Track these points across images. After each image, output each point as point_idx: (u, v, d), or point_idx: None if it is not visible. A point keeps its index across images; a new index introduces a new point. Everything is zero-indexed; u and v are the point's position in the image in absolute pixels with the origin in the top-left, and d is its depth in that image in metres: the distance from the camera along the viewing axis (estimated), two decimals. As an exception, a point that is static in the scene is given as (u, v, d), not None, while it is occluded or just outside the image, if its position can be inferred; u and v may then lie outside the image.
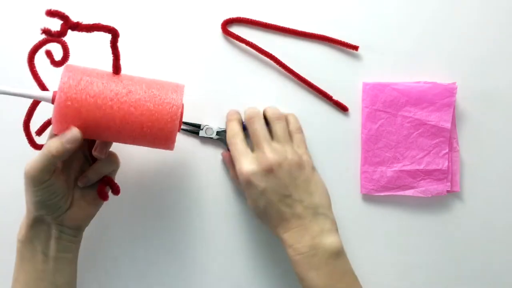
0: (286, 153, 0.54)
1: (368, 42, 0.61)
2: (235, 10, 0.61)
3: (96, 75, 0.48)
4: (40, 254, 0.49)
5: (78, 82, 0.47)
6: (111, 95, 0.47)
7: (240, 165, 0.53)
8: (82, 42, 0.52)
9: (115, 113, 0.47)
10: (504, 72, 0.62)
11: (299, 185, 0.53)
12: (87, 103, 0.46)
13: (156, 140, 0.49)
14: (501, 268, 0.62)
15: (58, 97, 0.46)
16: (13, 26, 0.60)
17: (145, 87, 0.49)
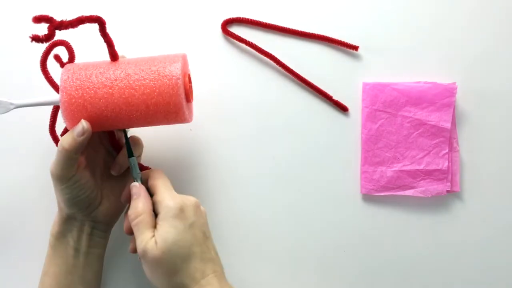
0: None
1: (368, 42, 0.61)
2: (235, 10, 0.61)
3: (93, 67, 0.49)
4: (72, 249, 0.51)
5: (76, 78, 0.48)
6: (109, 83, 0.48)
7: (180, 197, 0.50)
8: (88, 39, 0.52)
9: (118, 99, 0.48)
10: (504, 72, 0.62)
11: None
12: (89, 96, 0.48)
13: (168, 116, 0.49)
14: (501, 268, 0.62)
15: (60, 97, 0.48)
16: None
17: (143, 65, 0.49)
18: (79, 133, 0.47)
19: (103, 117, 0.48)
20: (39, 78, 0.51)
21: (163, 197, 0.48)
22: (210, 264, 0.47)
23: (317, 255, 0.61)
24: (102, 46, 0.50)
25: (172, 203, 0.47)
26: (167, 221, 0.46)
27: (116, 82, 0.48)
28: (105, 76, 0.48)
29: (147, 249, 0.45)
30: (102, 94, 0.48)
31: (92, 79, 0.48)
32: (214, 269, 0.47)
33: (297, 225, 0.61)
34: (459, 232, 0.62)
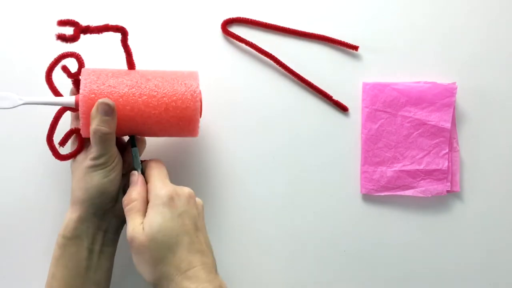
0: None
1: (368, 42, 0.61)
2: (235, 10, 0.61)
3: (113, 70, 0.51)
4: (85, 250, 0.50)
5: (97, 76, 0.50)
6: (131, 83, 0.50)
7: (172, 186, 0.50)
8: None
9: (138, 98, 0.49)
10: (504, 72, 0.62)
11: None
12: (110, 94, 0.49)
13: (181, 123, 0.50)
14: (501, 267, 0.62)
15: (81, 93, 0.49)
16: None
17: (161, 74, 0.52)
18: (105, 112, 0.48)
19: (122, 118, 0.49)
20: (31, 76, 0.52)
21: (155, 185, 0.48)
22: (198, 256, 0.46)
23: (317, 255, 0.61)
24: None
25: (162, 191, 0.47)
26: (155, 208, 0.47)
27: (137, 84, 0.50)
28: (127, 77, 0.50)
29: (134, 234, 0.46)
30: (124, 93, 0.49)
31: (114, 79, 0.50)
32: (202, 261, 0.46)
33: (297, 225, 0.61)
34: (459, 232, 0.62)
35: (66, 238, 0.49)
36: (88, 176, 0.49)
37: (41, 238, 0.58)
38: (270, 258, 0.61)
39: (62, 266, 0.49)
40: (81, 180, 0.49)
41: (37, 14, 0.59)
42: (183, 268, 0.45)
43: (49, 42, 0.49)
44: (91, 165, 0.49)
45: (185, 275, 0.45)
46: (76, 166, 0.51)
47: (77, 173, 0.50)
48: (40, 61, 0.52)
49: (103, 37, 0.50)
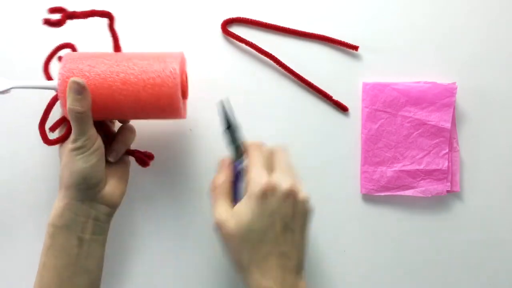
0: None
1: (368, 42, 0.61)
2: (235, 10, 0.61)
3: (96, 53, 0.51)
4: (75, 238, 0.50)
5: (78, 57, 0.50)
6: (110, 62, 0.49)
7: (254, 179, 0.48)
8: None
9: (115, 76, 0.49)
10: (504, 72, 0.62)
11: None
12: (87, 72, 0.48)
13: (160, 101, 0.49)
14: (501, 268, 0.62)
15: (60, 72, 0.49)
16: (16, 23, 0.60)
17: (144, 54, 0.51)
18: (76, 90, 0.47)
19: (101, 100, 0.49)
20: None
21: (251, 173, 0.47)
22: (279, 257, 0.45)
23: (317, 255, 0.61)
24: (101, 45, 0.51)
25: (256, 184, 0.46)
26: (248, 201, 0.46)
27: (116, 61, 0.49)
28: (106, 57, 0.50)
29: (222, 221, 0.47)
30: (102, 71, 0.49)
31: (92, 60, 0.49)
32: (282, 263, 0.45)
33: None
34: (459, 232, 0.62)
35: (55, 227, 0.49)
36: (71, 161, 0.49)
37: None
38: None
39: (52, 255, 0.49)
40: (66, 165, 0.49)
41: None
42: (262, 267, 0.45)
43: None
44: (72, 148, 0.48)
45: (263, 274, 0.45)
46: (62, 151, 0.51)
47: (63, 158, 0.50)
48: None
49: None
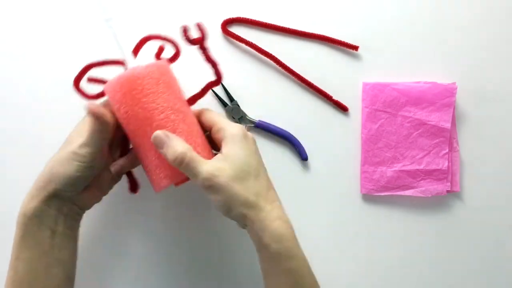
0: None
1: (368, 42, 0.61)
2: (235, 10, 0.61)
3: (166, 85, 0.49)
4: (48, 229, 0.49)
5: (151, 76, 0.49)
6: (163, 105, 0.48)
7: (232, 126, 0.51)
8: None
9: (157, 117, 0.48)
10: (504, 72, 0.62)
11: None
12: (136, 99, 0.48)
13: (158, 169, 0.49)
14: (501, 268, 0.62)
15: (129, 69, 0.49)
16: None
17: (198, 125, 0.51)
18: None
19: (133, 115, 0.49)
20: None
21: (225, 124, 0.50)
22: (273, 192, 0.50)
23: (317, 255, 0.61)
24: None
25: (235, 130, 0.49)
26: (235, 144, 0.48)
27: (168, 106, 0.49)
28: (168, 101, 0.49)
29: (216, 172, 0.46)
30: (153, 107, 0.48)
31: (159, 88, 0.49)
32: (277, 198, 0.49)
33: (296, 225, 0.61)
34: (459, 232, 0.62)
35: (27, 217, 0.48)
36: (67, 161, 0.48)
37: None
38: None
39: (25, 247, 0.48)
40: (58, 161, 0.48)
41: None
42: (269, 199, 0.48)
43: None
44: (75, 152, 0.48)
45: (272, 206, 0.47)
46: (65, 146, 0.49)
47: (61, 152, 0.49)
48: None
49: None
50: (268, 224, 0.46)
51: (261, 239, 0.46)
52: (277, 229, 0.46)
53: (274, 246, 0.46)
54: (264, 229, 0.46)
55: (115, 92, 0.48)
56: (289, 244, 0.47)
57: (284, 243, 0.46)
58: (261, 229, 0.46)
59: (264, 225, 0.46)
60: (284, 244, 0.46)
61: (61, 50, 0.60)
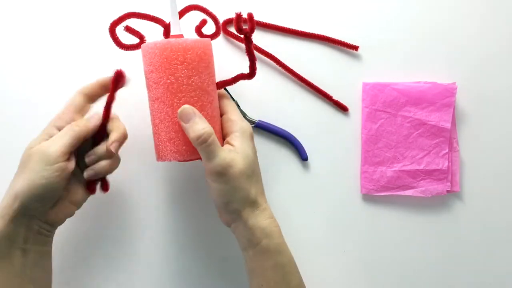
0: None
1: (368, 42, 0.61)
2: (235, 10, 0.61)
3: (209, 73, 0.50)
4: (18, 249, 0.47)
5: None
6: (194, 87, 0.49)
7: (243, 121, 0.52)
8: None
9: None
10: (504, 72, 0.62)
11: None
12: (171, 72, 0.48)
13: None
14: (501, 268, 0.62)
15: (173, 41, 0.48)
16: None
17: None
18: (95, 123, 0.50)
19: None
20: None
21: (238, 117, 0.51)
22: (264, 193, 0.52)
23: (316, 255, 0.61)
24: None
25: (247, 126, 0.51)
26: (246, 141, 0.50)
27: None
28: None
29: (230, 162, 0.47)
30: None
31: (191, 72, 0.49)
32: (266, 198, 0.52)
33: (297, 225, 0.61)
34: (459, 232, 0.62)
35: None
36: (40, 171, 0.46)
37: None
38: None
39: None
40: (30, 173, 0.46)
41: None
42: (264, 198, 0.51)
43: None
44: (38, 165, 0.46)
45: (266, 205, 0.50)
46: (27, 161, 0.47)
47: (29, 164, 0.47)
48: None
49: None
50: (260, 220, 0.49)
51: (253, 234, 0.48)
52: (268, 226, 0.49)
53: (265, 242, 0.48)
54: (257, 225, 0.48)
55: (154, 55, 0.48)
56: (279, 241, 0.50)
57: (274, 240, 0.49)
58: (254, 224, 0.48)
59: (257, 221, 0.49)
60: (274, 241, 0.49)
61: (61, 50, 0.60)
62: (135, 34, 0.52)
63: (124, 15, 0.51)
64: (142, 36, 0.52)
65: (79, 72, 0.59)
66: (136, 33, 0.52)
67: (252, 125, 0.60)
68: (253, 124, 0.60)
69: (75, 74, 0.59)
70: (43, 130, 0.50)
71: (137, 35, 0.52)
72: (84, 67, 0.59)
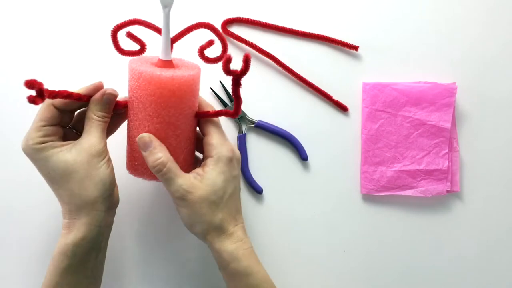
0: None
1: (368, 42, 0.61)
2: (235, 10, 0.61)
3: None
4: (94, 251, 0.48)
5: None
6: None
7: (232, 145, 0.51)
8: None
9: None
10: (504, 72, 0.62)
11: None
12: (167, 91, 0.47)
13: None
14: (501, 268, 0.62)
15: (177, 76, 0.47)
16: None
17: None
18: (110, 101, 0.49)
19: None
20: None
21: (218, 142, 0.50)
22: (240, 216, 0.51)
23: (316, 255, 0.61)
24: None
25: (224, 151, 0.50)
26: (217, 167, 0.49)
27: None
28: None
29: (191, 188, 0.47)
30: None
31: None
32: (241, 220, 0.51)
33: (297, 225, 0.61)
34: (459, 232, 0.62)
35: (79, 247, 0.47)
36: (93, 169, 0.47)
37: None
38: (269, 257, 0.61)
39: (70, 274, 0.47)
40: (86, 178, 0.47)
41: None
42: (232, 223, 0.50)
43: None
44: (97, 154, 0.47)
45: (234, 229, 0.50)
46: (79, 164, 0.47)
47: (81, 172, 0.46)
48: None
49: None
50: (226, 245, 0.49)
51: (220, 257, 0.49)
52: (235, 250, 0.49)
53: (233, 265, 0.49)
54: (223, 249, 0.49)
55: (132, 75, 0.48)
56: (248, 263, 0.49)
57: (242, 263, 0.49)
58: (220, 248, 0.49)
59: (223, 245, 0.49)
60: (242, 263, 0.49)
61: (61, 52, 0.60)
62: (137, 42, 0.51)
63: (128, 21, 0.50)
64: (144, 44, 0.51)
65: (79, 73, 0.59)
66: (138, 41, 0.51)
67: (252, 125, 0.60)
68: (253, 124, 0.60)
69: (75, 75, 0.59)
70: (30, 135, 0.47)
71: (139, 42, 0.51)
72: (84, 68, 0.59)
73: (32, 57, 0.60)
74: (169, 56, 0.49)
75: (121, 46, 0.51)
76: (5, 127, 0.59)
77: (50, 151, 0.46)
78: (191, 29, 0.50)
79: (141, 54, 0.51)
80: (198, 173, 0.49)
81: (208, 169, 0.49)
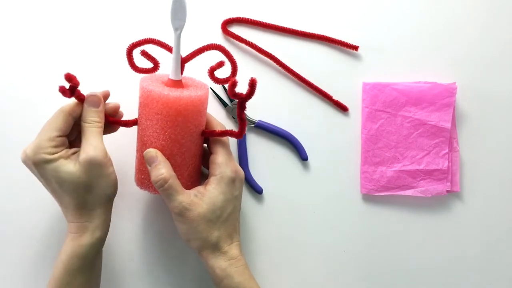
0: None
1: (368, 42, 0.61)
2: (235, 10, 0.61)
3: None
4: (100, 252, 0.51)
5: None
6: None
7: (236, 165, 0.53)
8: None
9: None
10: (504, 72, 0.62)
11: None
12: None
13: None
14: (501, 268, 0.62)
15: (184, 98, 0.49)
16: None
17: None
18: (94, 103, 0.50)
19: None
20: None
21: (222, 162, 0.51)
22: (236, 234, 0.53)
23: (316, 255, 0.61)
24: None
25: (228, 171, 0.51)
26: (219, 186, 0.51)
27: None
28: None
29: (190, 207, 0.49)
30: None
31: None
32: (237, 238, 0.53)
33: (297, 225, 0.61)
34: (459, 232, 0.62)
35: (89, 246, 0.49)
36: (108, 171, 0.49)
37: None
38: (269, 257, 0.61)
39: (80, 274, 0.49)
40: (104, 178, 0.49)
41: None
42: (228, 241, 0.51)
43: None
44: (106, 159, 0.49)
45: (229, 247, 0.51)
46: (87, 173, 0.48)
47: (89, 180, 0.48)
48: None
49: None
50: (220, 262, 0.50)
51: (214, 273, 0.50)
52: (228, 267, 0.50)
53: (226, 281, 0.50)
54: (216, 265, 0.50)
55: (141, 93, 0.50)
56: (239, 280, 0.50)
57: (235, 279, 0.50)
58: (214, 264, 0.50)
59: (216, 262, 0.50)
60: (235, 280, 0.50)
61: (61, 53, 0.60)
62: (151, 60, 0.52)
63: (143, 40, 0.51)
64: (157, 62, 0.52)
65: (79, 73, 0.59)
66: (152, 59, 0.52)
67: (252, 125, 0.60)
68: (253, 124, 0.60)
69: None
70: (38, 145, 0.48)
71: (153, 60, 0.52)
72: (84, 68, 0.59)
73: (47, 73, 0.60)
74: (178, 76, 0.51)
75: (135, 64, 0.52)
76: (5, 127, 0.59)
77: (60, 161, 0.47)
78: (202, 50, 0.51)
79: (154, 71, 0.53)
80: (199, 191, 0.51)
81: (210, 188, 0.50)
